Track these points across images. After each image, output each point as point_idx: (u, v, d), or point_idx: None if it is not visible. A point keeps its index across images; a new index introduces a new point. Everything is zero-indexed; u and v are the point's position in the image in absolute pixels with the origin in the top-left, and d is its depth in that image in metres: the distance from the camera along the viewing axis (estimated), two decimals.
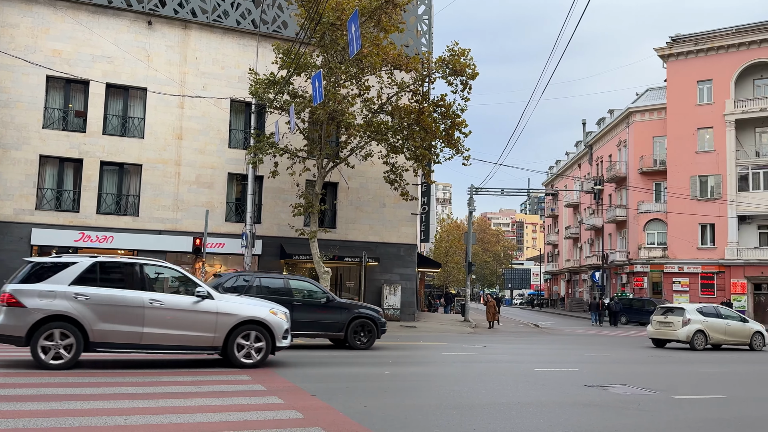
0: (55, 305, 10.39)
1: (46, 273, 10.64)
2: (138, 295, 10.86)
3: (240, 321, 11.35)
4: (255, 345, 11.43)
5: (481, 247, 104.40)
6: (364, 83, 24.14)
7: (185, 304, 11.14)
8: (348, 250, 28.53)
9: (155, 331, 10.83)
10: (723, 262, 42.23)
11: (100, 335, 10.55)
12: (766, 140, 42.77)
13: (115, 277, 11.06)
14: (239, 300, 12.00)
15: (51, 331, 10.30)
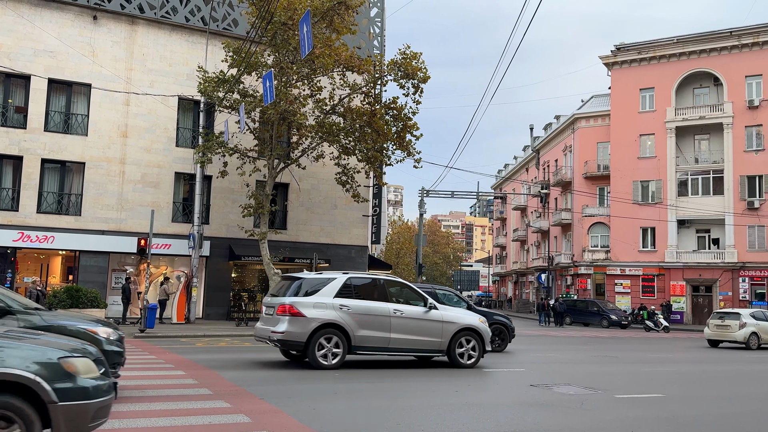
0: (327, 315, 12.22)
1: (314, 287, 12.52)
2: (385, 305, 12.80)
3: (460, 328, 13.31)
4: (471, 350, 13.37)
5: (431, 249, 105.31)
6: (316, 84, 24.05)
7: (418, 313, 13.03)
8: (299, 252, 28.35)
9: (399, 336, 12.74)
10: (663, 265, 43.75)
11: (359, 340, 12.41)
12: (705, 147, 44.53)
13: (365, 291, 12.96)
14: (457, 310, 14.21)
15: (325, 336, 12.13)
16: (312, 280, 12.67)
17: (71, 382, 5.00)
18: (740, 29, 43.11)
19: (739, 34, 42.72)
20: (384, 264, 42.41)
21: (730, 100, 42.65)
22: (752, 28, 42.81)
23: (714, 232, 43.33)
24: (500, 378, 12.64)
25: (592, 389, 11.12)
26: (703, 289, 42.94)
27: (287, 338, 12.05)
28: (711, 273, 42.29)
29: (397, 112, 24.67)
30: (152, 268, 25.56)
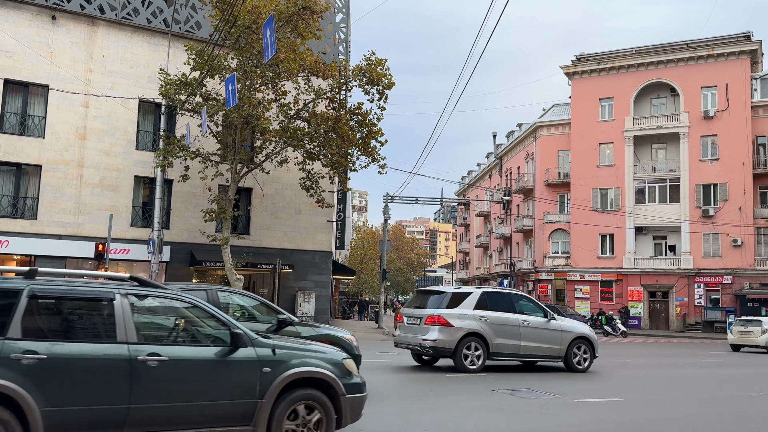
0: (470, 325, 13.89)
1: (457, 300, 14.15)
2: (514, 316, 14.46)
3: (575, 336, 15.01)
4: (584, 356, 15.00)
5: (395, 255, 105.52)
6: (280, 88, 23.91)
7: (541, 323, 14.70)
8: (262, 257, 28.08)
9: (527, 343, 14.36)
10: (621, 271, 44.68)
11: (496, 347, 14.00)
12: (662, 156, 45.71)
13: (497, 303, 14.48)
14: (570, 320, 16.08)
15: (468, 343, 13.77)
16: (453, 294, 14.47)
17: (351, 378, 6.44)
18: (696, 41, 44.46)
19: (695, 46, 44.06)
20: (348, 269, 42.35)
21: (687, 110, 43.90)
22: (708, 40, 44.19)
23: (671, 239, 44.47)
24: (466, 380, 12.73)
25: (552, 393, 11.29)
26: (660, 294, 43.99)
27: (438, 345, 13.76)
28: (668, 279, 43.37)
29: (362, 118, 24.68)
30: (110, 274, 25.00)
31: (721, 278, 41.81)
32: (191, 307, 6.10)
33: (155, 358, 5.52)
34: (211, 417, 5.73)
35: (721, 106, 42.84)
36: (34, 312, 5.28)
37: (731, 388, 13.47)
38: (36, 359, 5.06)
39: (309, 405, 6.12)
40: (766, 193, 42.43)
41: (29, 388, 4.98)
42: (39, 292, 5.35)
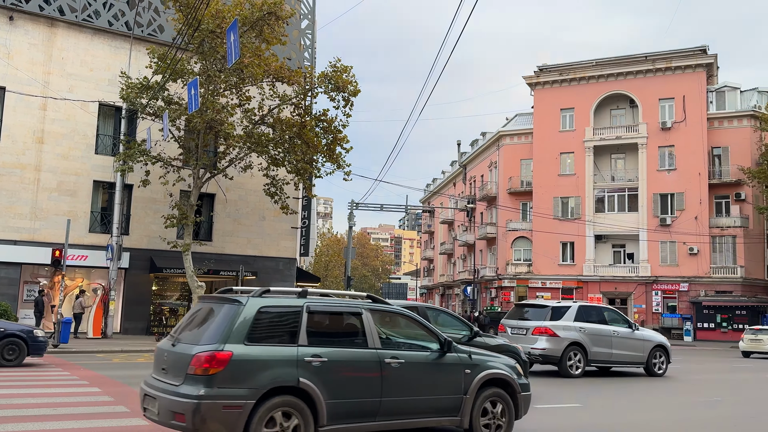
0: (572, 335, 15.67)
1: (558, 313, 16.08)
2: (606, 327, 16.33)
3: (655, 345, 16.85)
4: (661, 362, 16.89)
5: (360, 262, 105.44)
6: (244, 93, 23.72)
7: (628, 333, 16.57)
8: (224, 264, 27.76)
9: (617, 351, 16.33)
10: (581, 278, 45.45)
11: (593, 355, 15.89)
12: (621, 166, 46.73)
13: (590, 315, 16.49)
14: (649, 330, 17.85)
15: (572, 352, 15.43)
16: (554, 308, 16.29)
17: (522, 379, 7.86)
18: (654, 54, 45.64)
19: (654, 58, 45.22)
20: (312, 276, 42.15)
21: (645, 121, 44.99)
22: (665, 53, 45.42)
23: (629, 247, 45.42)
24: None
25: None
26: (619, 301, 44.83)
27: (547, 353, 15.49)
28: (626, 286, 44.26)
29: (327, 125, 24.65)
30: (67, 281, 24.40)
31: (677, 286, 42.85)
32: (411, 320, 7.58)
33: (395, 360, 6.99)
34: (433, 408, 7.22)
35: (678, 118, 44.03)
36: (312, 324, 6.69)
37: None
38: (320, 362, 6.49)
39: (495, 401, 7.61)
40: (721, 203, 43.70)
41: (318, 384, 6.37)
42: (313, 308, 6.78)
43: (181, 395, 5.95)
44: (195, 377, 5.98)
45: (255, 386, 6.05)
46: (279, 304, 6.68)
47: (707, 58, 44.17)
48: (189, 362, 6.05)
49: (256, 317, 6.39)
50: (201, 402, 5.84)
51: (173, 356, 6.39)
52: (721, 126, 43.85)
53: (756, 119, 42.53)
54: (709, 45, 45.02)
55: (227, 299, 6.62)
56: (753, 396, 13.52)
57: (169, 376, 6.31)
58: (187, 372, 6.05)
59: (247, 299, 6.50)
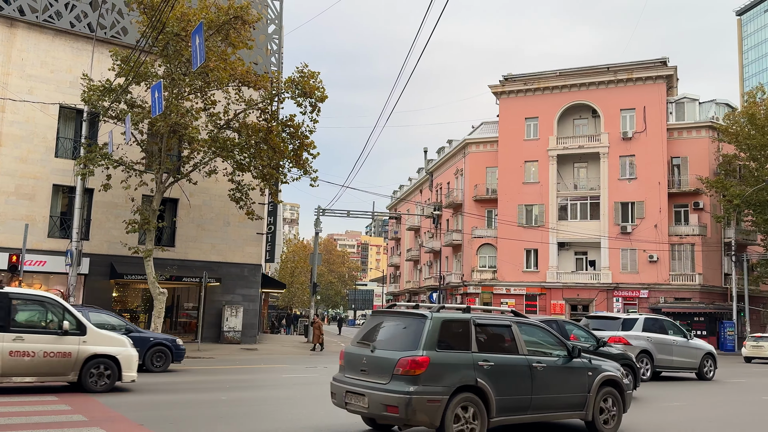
0: (641, 344, 17.50)
1: (628, 325, 17.97)
2: (667, 337, 18.39)
3: (705, 352, 18.94)
4: (711, 368, 18.82)
5: (326, 268, 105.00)
6: (210, 97, 23.47)
7: (684, 342, 18.70)
8: (187, 270, 27.35)
9: (677, 358, 18.26)
10: (545, 285, 46.04)
11: (657, 361, 17.76)
12: (584, 175, 47.56)
13: (654, 326, 18.37)
14: (700, 340, 19.83)
15: (642, 358, 17.25)
16: (624, 320, 18.29)
17: (625, 380, 9.58)
18: (616, 65, 46.65)
19: (616, 70, 46.21)
20: (278, 283, 41.83)
21: (607, 131, 45.90)
22: (627, 65, 46.47)
23: (591, 254, 46.20)
24: None
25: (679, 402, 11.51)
26: (581, 308, 45.54)
27: None
28: (588, 293, 44.98)
29: (294, 130, 24.53)
30: (25, 287, 23.75)
31: (638, 292, 43.70)
32: (546, 331, 9.19)
33: (539, 364, 8.57)
34: (567, 404, 8.85)
35: (639, 128, 45.03)
36: (478, 334, 8.24)
37: None
38: (489, 365, 8.07)
39: (608, 397, 9.27)
40: (680, 212, 44.78)
41: (489, 384, 7.92)
42: (478, 321, 8.37)
43: (393, 391, 7.49)
44: (402, 377, 7.53)
45: (447, 385, 7.63)
46: (454, 317, 8.23)
47: (667, 70, 45.32)
48: (394, 365, 7.60)
49: (440, 329, 7.91)
50: (412, 397, 7.39)
51: (375, 360, 7.95)
52: (681, 136, 44.99)
53: (714, 130, 43.77)
54: (669, 57, 46.22)
55: (413, 314, 8.23)
56: None
57: (372, 377, 7.86)
58: (393, 373, 7.60)
59: (431, 314, 8.00)
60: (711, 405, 13.45)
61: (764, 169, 39.52)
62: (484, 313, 8.93)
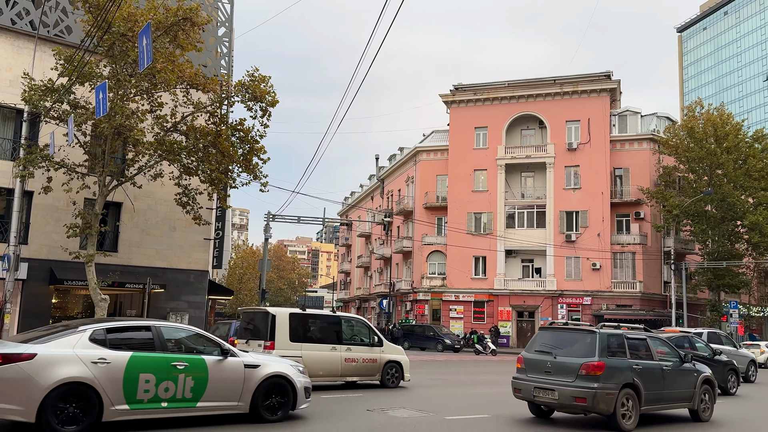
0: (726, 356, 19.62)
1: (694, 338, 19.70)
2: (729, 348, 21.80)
3: (749, 360, 22.24)
4: (734, 381, 18.93)
5: (276, 275, 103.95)
6: (156, 99, 22.96)
7: (735, 351, 21.28)
8: (131, 276, 26.64)
9: (740, 366, 20.53)
10: (492, 291, 46.75)
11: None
12: (530, 184, 48.59)
13: (714, 339, 21.61)
14: (743, 351, 23.28)
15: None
16: (694, 334, 19.90)
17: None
18: (563, 78, 47.91)
19: (562, 82, 47.45)
20: (225, 289, 41.20)
21: (553, 141, 47.04)
22: (573, 77, 47.77)
23: (537, 261, 47.19)
24: (339, 400, 12.70)
25: (425, 412, 11.54)
26: (527, 314, 46.43)
27: None
28: (534, 300, 45.90)
29: (244, 134, 24.22)
30: None
31: (581, 299, 44.84)
32: (663, 341, 12.23)
33: (666, 367, 11.60)
34: (681, 398, 11.86)
35: (584, 139, 46.31)
36: (629, 345, 11.22)
37: None
38: (639, 368, 10.98)
39: (706, 393, 12.37)
40: (622, 221, 46.21)
41: (640, 382, 10.82)
42: (627, 335, 11.45)
43: (581, 387, 10.38)
44: (586, 377, 10.40)
45: (616, 382, 10.52)
46: (614, 333, 11.21)
47: (611, 83, 46.79)
48: (579, 368, 10.51)
49: (606, 341, 10.86)
50: (597, 391, 10.28)
51: (558, 364, 10.85)
52: (623, 148, 46.48)
53: (655, 142, 45.39)
54: (613, 71, 47.78)
55: (583, 330, 11.35)
56: None
57: (558, 377, 10.75)
58: (578, 374, 10.50)
59: (598, 330, 11.02)
60: None
61: (702, 181, 41.17)
62: (630, 330, 11.80)
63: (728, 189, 39.43)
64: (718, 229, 40.62)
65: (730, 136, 40.43)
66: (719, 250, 40.57)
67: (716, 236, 40.77)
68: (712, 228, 40.62)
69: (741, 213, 39.37)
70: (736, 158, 40.27)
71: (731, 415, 13.35)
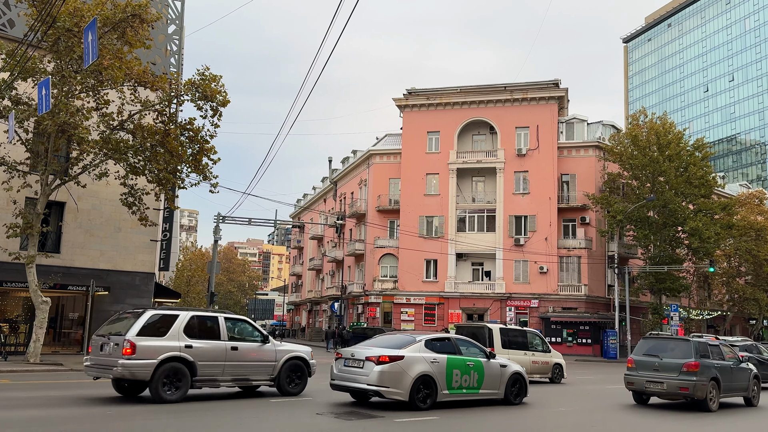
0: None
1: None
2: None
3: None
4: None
5: (226, 277, 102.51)
6: (102, 97, 22.40)
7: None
8: (74, 278, 25.90)
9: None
10: (443, 294, 47.23)
11: None
12: (481, 188, 49.34)
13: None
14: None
15: None
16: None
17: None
18: (513, 85, 48.83)
19: (512, 89, 48.37)
20: (172, 292, 40.45)
21: (503, 147, 47.89)
22: (522, 85, 48.74)
23: (486, 265, 47.92)
24: (288, 404, 12.66)
25: (371, 415, 11.62)
26: (477, 317, 47.05)
27: None
28: (483, 302, 46.58)
29: (193, 134, 23.82)
30: None
31: (529, 302, 45.73)
32: (723, 345, 16.34)
33: (731, 365, 15.75)
34: (740, 389, 16.11)
35: (532, 146, 47.31)
36: (711, 349, 15.58)
37: None
38: (717, 367, 15.15)
39: (755, 383, 16.56)
40: (568, 226, 47.36)
41: (721, 377, 15.10)
42: (709, 342, 15.75)
43: (684, 380, 14.35)
44: (687, 373, 14.43)
45: (707, 376, 14.54)
46: (703, 341, 15.45)
47: (559, 91, 47.95)
48: (681, 366, 14.56)
49: (699, 347, 14.93)
50: (696, 383, 14.30)
51: (665, 364, 14.83)
52: (570, 155, 47.67)
53: (600, 150, 46.71)
54: (561, 79, 48.96)
55: (680, 339, 15.82)
56: None
57: (664, 373, 14.77)
58: (680, 370, 14.49)
59: (692, 339, 15.15)
60: None
61: (645, 188, 42.55)
62: (710, 338, 16.30)
63: (670, 196, 40.85)
64: (660, 234, 42.02)
65: (672, 144, 41.90)
66: (661, 254, 41.97)
67: (658, 241, 42.17)
68: (654, 233, 41.99)
69: (682, 219, 40.83)
70: (677, 166, 41.76)
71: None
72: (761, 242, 47.93)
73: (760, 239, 47.97)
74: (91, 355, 12.92)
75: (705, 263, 43.50)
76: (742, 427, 13.38)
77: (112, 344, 12.29)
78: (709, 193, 43.55)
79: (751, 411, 15.73)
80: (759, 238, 47.95)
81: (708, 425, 13.07)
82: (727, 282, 50.72)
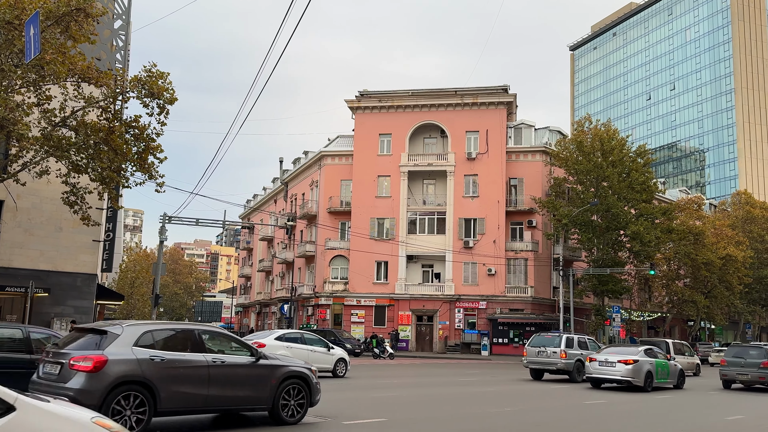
0: None
1: None
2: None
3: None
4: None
5: (171, 279, 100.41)
6: (44, 92, 21.64)
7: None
8: (11, 279, 24.94)
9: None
10: (393, 296, 47.45)
11: None
12: (432, 191, 49.80)
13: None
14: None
15: None
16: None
17: None
18: (463, 90, 49.47)
19: (462, 94, 49.00)
20: (116, 294, 39.40)
21: (453, 151, 48.46)
22: (472, 89, 49.44)
23: (436, 267, 48.38)
24: None
25: (323, 417, 11.58)
26: (426, 318, 47.46)
27: None
28: (433, 304, 47.00)
29: (139, 132, 23.22)
30: None
31: (477, 304, 46.38)
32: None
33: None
34: None
35: (482, 150, 48.03)
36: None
37: None
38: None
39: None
40: (516, 229, 48.25)
41: None
42: (765, 348, 23.28)
43: (763, 372, 21.26)
44: (764, 368, 21.26)
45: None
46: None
47: (508, 96, 48.84)
48: (760, 363, 21.33)
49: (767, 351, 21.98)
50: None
51: (749, 362, 21.69)
52: (518, 159, 48.60)
53: (547, 155, 47.77)
54: (510, 85, 49.93)
55: (756, 346, 22.68)
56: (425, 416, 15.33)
57: (748, 369, 21.50)
58: (759, 366, 21.40)
59: (765, 346, 22.24)
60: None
61: (589, 192, 43.69)
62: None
63: (613, 200, 42.05)
64: (603, 237, 43.22)
65: (615, 150, 43.16)
66: (604, 257, 43.16)
67: (601, 244, 43.36)
68: (598, 237, 43.16)
69: (624, 223, 42.09)
70: (620, 171, 43.04)
71: None
72: (699, 246, 49.81)
73: (698, 243, 49.85)
74: None
75: (646, 266, 44.91)
76: None
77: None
78: (650, 198, 45.00)
79: None
80: (697, 242, 49.82)
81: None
82: (667, 284, 52.53)
